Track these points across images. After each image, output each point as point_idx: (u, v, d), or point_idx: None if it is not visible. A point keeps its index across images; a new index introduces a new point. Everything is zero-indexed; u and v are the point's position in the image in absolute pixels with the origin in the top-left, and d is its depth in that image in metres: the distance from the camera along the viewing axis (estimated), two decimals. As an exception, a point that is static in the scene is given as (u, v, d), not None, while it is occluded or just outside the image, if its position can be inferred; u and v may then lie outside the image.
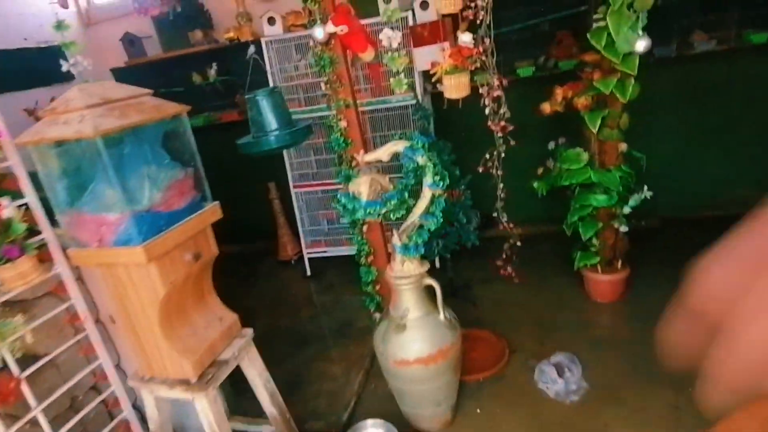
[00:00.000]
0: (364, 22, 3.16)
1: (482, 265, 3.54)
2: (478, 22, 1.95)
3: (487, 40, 1.94)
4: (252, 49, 4.11)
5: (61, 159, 1.52)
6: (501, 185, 2.22)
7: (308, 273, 4.16)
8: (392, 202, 1.95)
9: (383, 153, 1.99)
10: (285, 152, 3.82)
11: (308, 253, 4.10)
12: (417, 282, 2.09)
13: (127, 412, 2.05)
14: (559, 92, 2.67)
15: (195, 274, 1.82)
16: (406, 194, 2.01)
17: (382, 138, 3.72)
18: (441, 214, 2.04)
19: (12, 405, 1.62)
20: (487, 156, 2.18)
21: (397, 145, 1.97)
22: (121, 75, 4.54)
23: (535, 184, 3.15)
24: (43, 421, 1.69)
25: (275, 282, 4.34)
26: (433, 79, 2.06)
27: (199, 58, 4.17)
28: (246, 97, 2.15)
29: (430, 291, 2.16)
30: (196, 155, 1.80)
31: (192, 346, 1.79)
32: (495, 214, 2.40)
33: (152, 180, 1.61)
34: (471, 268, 3.67)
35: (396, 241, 2.07)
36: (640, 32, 2.10)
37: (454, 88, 1.97)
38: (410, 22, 3.31)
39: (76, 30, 4.74)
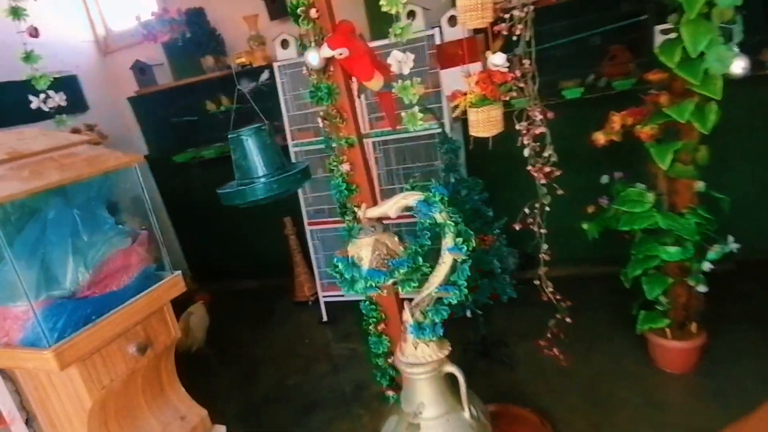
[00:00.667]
0: (377, 44, 2.78)
1: (521, 315, 3.02)
2: (514, 38, 1.50)
3: (526, 62, 1.48)
4: (265, 74, 3.83)
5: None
6: (545, 246, 1.74)
7: (324, 318, 3.75)
8: (401, 271, 1.50)
9: (390, 207, 1.55)
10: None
11: (324, 296, 3.69)
12: (435, 370, 1.62)
13: None
14: (616, 119, 2.16)
15: (147, 366, 1.43)
16: (420, 259, 1.55)
17: (406, 171, 3.29)
18: (465, 284, 1.57)
19: None
20: (527, 210, 1.71)
21: (408, 198, 1.52)
22: (135, 104, 4.36)
23: (585, 226, 2.62)
24: None
25: (289, 326, 3.94)
26: (454, 114, 1.61)
27: (211, 85, 3.90)
28: (229, 135, 1.76)
29: (451, 379, 1.68)
30: (150, 217, 1.43)
31: (137, 463, 1.39)
32: (537, 282, 1.90)
33: (80, 255, 1.23)
34: (508, 319, 3.14)
35: (407, 318, 1.61)
36: (735, 48, 1.58)
37: (482, 124, 1.52)
38: (438, 41, 2.89)
39: (94, 58, 4.60)
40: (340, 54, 1.60)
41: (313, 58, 1.64)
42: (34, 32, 2.02)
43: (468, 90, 1.53)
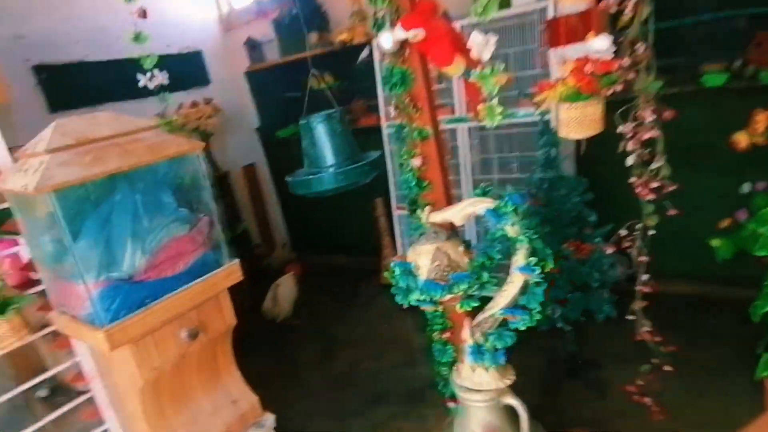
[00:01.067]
0: (463, 23, 2.51)
1: (622, 334, 2.63)
2: (625, 16, 1.19)
3: (640, 46, 1.17)
4: (365, 52, 3.74)
5: (32, 209, 1.26)
6: (644, 277, 1.41)
7: (406, 305, 3.66)
8: (461, 287, 1.33)
9: (455, 214, 1.38)
10: (390, 166, 3.36)
11: (407, 283, 3.59)
12: (492, 400, 1.44)
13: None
14: (761, 119, 1.70)
15: (201, 349, 1.46)
16: (485, 275, 1.37)
17: (503, 161, 3.01)
18: (538, 309, 1.35)
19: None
20: (624, 231, 1.40)
21: (476, 206, 1.33)
22: (249, 79, 4.57)
23: (714, 243, 2.16)
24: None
25: (371, 309, 3.94)
26: (537, 110, 1.36)
27: (314, 61, 3.92)
28: (300, 122, 1.71)
29: (511, 412, 1.49)
30: (209, 204, 1.43)
31: (185, 441, 1.44)
32: (632, 316, 1.57)
33: (139, 240, 1.27)
34: (605, 337, 2.77)
35: (466, 337, 1.45)
36: None
37: (575, 123, 1.25)
38: (550, 14, 2.54)
39: (217, 35, 4.88)
40: (415, 36, 1.43)
41: (386, 40, 1.49)
42: (142, 14, 2.13)
43: (559, 80, 1.27)
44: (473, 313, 1.44)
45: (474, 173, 3.02)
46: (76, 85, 3.42)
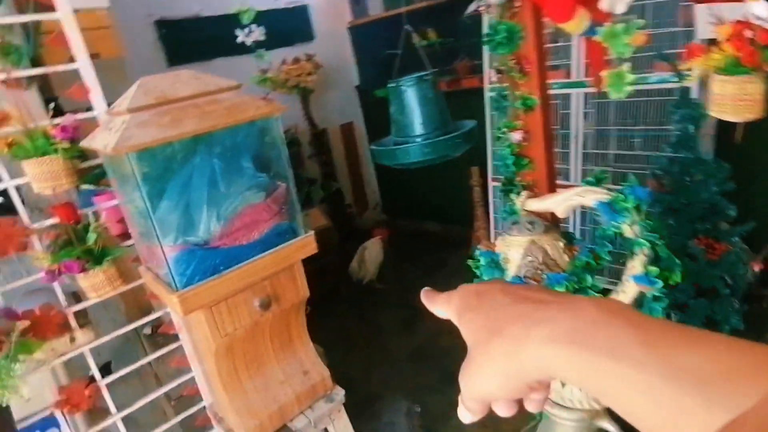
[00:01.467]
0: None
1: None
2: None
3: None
4: (474, 4, 3.40)
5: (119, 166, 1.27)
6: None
7: (495, 282, 3.46)
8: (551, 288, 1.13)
9: (558, 203, 1.16)
10: (489, 133, 3.09)
11: (498, 260, 3.38)
12: (583, 421, 1.25)
13: None
14: None
15: (274, 318, 1.44)
16: (589, 278, 1.15)
17: (621, 133, 2.60)
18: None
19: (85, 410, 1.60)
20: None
21: (586, 197, 1.10)
22: (352, 34, 4.47)
23: None
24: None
25: (458, 280, 3.77)
26: (686, 81, 1.04)
27: (418, 16, 3.68)
28: (388, 85, 1.56)
29: (608, 435, 1.28)
30: (287, 172, 1.35)
31: (255, 406, 1.45)
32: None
33: (215, 206, 1.24)
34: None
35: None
36: None
37: (730, 101, 0.93)
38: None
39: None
40: (531, -16, 1.18)
41: (494, -10, 1.26)
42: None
43: (713, 45, 0.96)
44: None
45: (586, 146, 2.66)
46: (192, 39, 3.55)
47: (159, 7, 3.40)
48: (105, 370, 2.25)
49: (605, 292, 1.17)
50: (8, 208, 1.41)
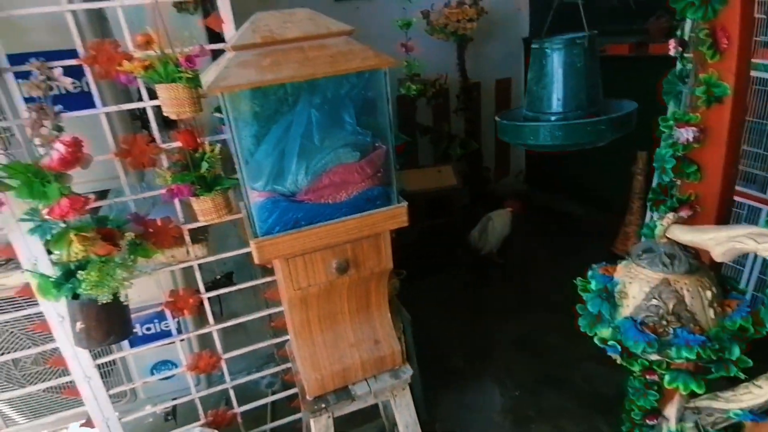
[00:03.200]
0: None
1: None
2: None
3: None
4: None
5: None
6: None
7: (633, 290, 2.98)
8: (683, 354, 0.85)
9: (719, 242, 0.84)
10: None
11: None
12: None
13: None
14: None
15: (351, 284, 1.38)
16: (737, 350, 0.84)
17: None
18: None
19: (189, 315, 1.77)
20: None
21: (763, 245, 0.77)
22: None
23: None
24: (217, 339, 1.80)
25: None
26: None
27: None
28: (532, 45, 1.29)
29: None
30: (388, 132, 1.22)
31: (321, 359, 1.45)
32: None
33: (305, 159, 1.18)
34: None
35: (671, 416, 0.97)
36: None
37: None
38: None
39: None
40: None
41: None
42: None
43: None
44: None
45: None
46: None
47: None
48: (227, 278, 2.51)
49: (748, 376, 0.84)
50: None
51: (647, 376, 1.36)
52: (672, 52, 1.06)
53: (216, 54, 1.36)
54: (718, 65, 0.99)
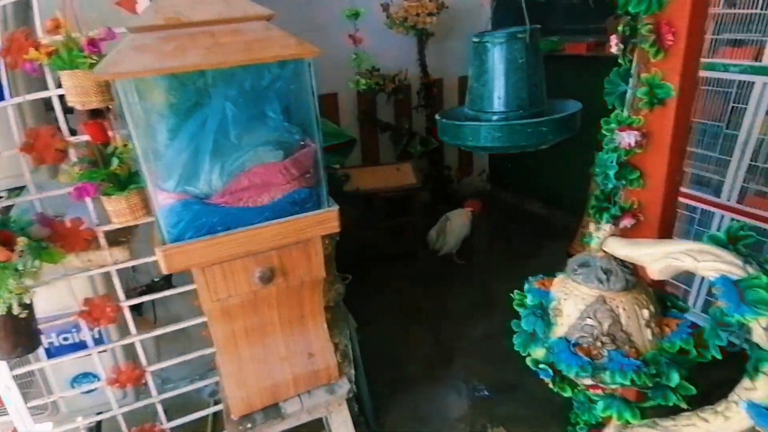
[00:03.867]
0: None
1: None
2: None
3: None
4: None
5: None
6: None
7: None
8: (617, 379, 0.77)
9: (655, 258, 0.76)
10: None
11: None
12: None
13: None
14: None
15: (279, 294, 1.26)
16: (676, 377, 0.77)
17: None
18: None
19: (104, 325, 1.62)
20: None
21: (702, 263, 0.70)
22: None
23: None
24: (140, 350, 1.65)
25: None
26: None
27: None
28: (472, 40, 1.20)
29: None
30: (316, 131, 1.11)
31: (247, 376, 1.33)
32: None
33: (219, 157, 1.05)
34: None
35: (608, 441, 0.90)
36: None
37: None
38: None
39: None
40: None
41: None
42: None
43: None
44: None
45: (757, 157, 1.98)
46: None
47: None
48: (165, 280, 2.34)
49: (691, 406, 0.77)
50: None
51: (591, 390, 1.30)
52: (614, 50, 0.99)
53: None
54: (661, 64, 0.92)
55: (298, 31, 1.01)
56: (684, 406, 0.78)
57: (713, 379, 0.88)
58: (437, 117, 1.24)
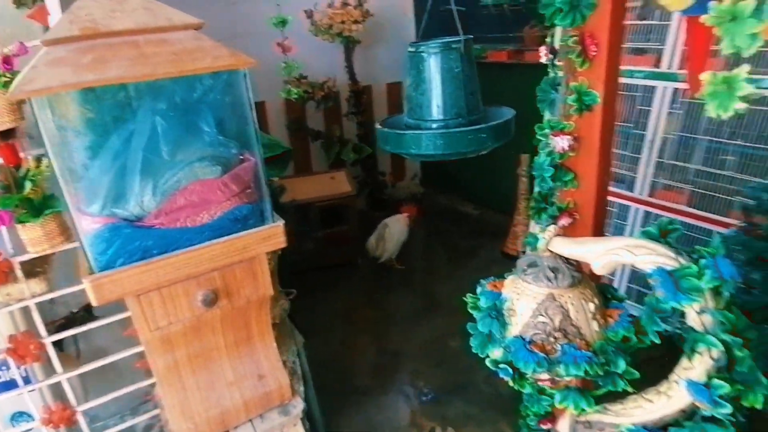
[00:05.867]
0: None
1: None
2: None
3: None
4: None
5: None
6: None
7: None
8: (570, 371, 0.80)
9: (597, 255, 0.81)
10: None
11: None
12: None
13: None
14: None
15: (224, 316, 1.20)
16: (623, 363, 0.81)
17: (713, 145, 2.11)
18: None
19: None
20: None
21: (639, 256, 0.75)
22: (416, -15, 3.99)
23: None
24: (68, 390, 1.50)
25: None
26: None
27: (491, -32, 3.18)
28: (408, 49, 1.21)
29: None
30: (254, 142, 1.07)
31: (192, 405, 1.25)
32: None
33: (151, 176, 0.98)
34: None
35: (563, 431, 0.93)
36: None
37: None
38: None
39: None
40: None
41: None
42: None
43: None
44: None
45: (663, 154, 2.18)
46: None
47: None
48: (86, 311, 2.13)
49: (638, 386, 0.83)
50: None
51: (539, 382, 1.35)
52: (543, 60, 1.05)
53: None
54: (587, 73, 0.98)
55: (220, 39, 0.97)
56: (630, 390, 0.83)
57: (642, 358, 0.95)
58: (377, 126, 1.24)
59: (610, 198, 2.34)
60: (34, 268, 1.44)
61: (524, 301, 0.88)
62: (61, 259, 1.66)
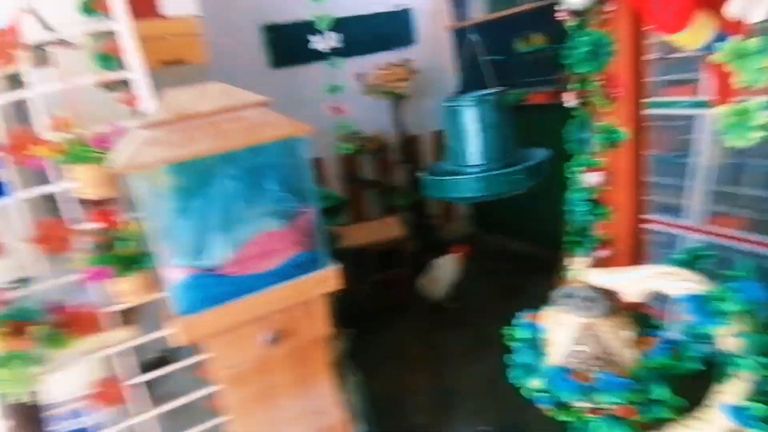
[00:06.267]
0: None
1: None
2: None
3: None
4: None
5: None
6: None
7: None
8: (607, 398, 0.84)
9: (630, 283, 0.86)
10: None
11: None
12: None
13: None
14: None
15: (286, 355, 1.32)
16: (661, 391, 0.84)
17: (762, 169, 2.06)
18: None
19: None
20: None
21: (667, 283, 0.80)
22: (451, 40, 4.22)
23: None
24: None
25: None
26: None
27: (524, 20, 3.34)
28: (443, 104, 1.35)
29: None
30: (313, 197, 1.22)
31: (260, 442, 1.35)
32: None
33: (228, 231, 1.14)
34: None
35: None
36: None
37: None
38: None
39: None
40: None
41: (574, -6, 0.98)
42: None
43: None
44: None
45: (713, 181, 2.15)
46: (296, 43, 3.50)
47: (268, 11, 3.47)
48: (164, 357, 2.33)
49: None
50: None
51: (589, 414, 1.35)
52: (570, 104, 1.14)
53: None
54: (611, 113, 1.06)
55: (283, 107, 1.14)
56: (675, 418, 0.85)
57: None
58: (421, 175, 1.36)
59: (657, 227, 2.31)
60: (128, 317, 1.65)
61: (561, 332, 0.93)
62: (151, 307, 1.88)
